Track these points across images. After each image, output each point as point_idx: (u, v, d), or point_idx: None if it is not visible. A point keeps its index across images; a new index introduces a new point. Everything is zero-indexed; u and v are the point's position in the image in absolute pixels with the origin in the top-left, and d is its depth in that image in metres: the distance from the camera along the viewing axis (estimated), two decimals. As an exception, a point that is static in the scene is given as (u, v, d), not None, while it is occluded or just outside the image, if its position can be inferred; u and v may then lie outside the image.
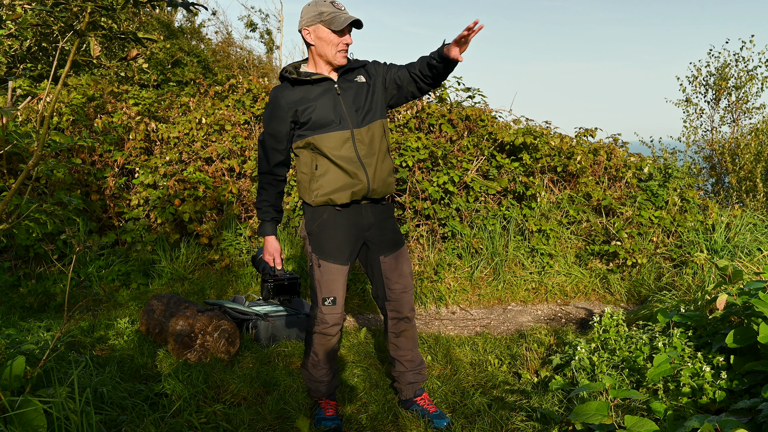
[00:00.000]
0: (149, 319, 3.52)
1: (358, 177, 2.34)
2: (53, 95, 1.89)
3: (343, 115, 2.34)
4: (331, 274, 2.42)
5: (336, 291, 2.43)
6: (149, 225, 5.23)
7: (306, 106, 2.33)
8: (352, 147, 2.33)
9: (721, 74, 7.81)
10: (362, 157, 2.35)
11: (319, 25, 2.29)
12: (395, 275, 2.52)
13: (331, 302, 2.43)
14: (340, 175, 2.34)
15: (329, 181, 2.34)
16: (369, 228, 2.47)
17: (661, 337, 2.93)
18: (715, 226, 5.23)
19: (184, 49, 8.54)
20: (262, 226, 2.50)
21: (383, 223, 2.51)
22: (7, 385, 2.05)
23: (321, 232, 2.42)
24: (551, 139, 5.58)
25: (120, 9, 1.85)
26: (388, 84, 2.44)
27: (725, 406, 2.39)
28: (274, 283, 2.63)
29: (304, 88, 2.36)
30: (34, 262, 4.84)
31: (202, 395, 2.75)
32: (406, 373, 2.66)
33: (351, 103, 2.36)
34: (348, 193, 2.35)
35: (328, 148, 2.32)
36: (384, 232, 2.50)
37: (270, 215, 2.48)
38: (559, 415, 2.57)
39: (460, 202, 5.32)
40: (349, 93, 2.37)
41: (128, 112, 5.71)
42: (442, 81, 2.38)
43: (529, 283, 4.95)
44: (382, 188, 2.42)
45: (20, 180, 1.92)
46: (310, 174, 2.38)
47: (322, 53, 2.34)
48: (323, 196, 2.36)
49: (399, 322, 2.58)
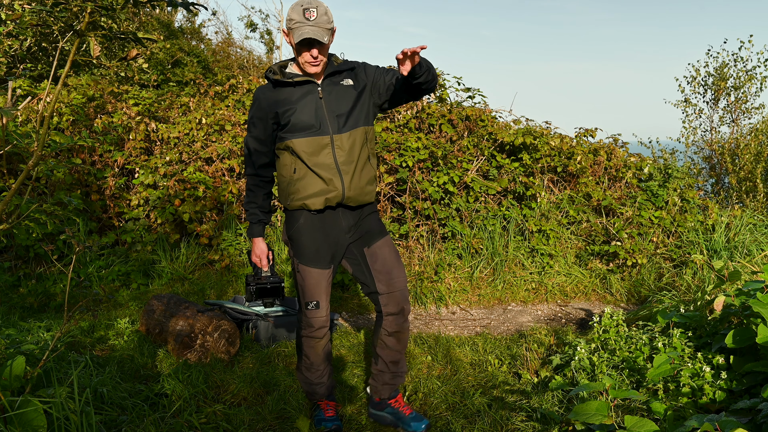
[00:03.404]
0: (149, 319, 3.52)
1: (333, 184, 2.28)
2: (53, 95, 1.89)
3: (324, 119, 2.27)
4: (312, 278, 2.39)
5: (318, 295, 2.40)
6: (149, 225, 5.23)
7: (286, 108, 2.27)
8: (330, 153, 2.27)
9: (720, 74, 7.82)
10: (340, 164, 2.28)
11: (291, 32, 2.21)
12: (384, 266, 2.43)
13: (314, 306, 2.40)
14: (316, 180, 2.29)
15: (305, 186, 2.30)
16: (349, 230, 2.42)
17: (661, 338, 2.93)
18: (715, 226, 5.23)
19: (184, 49, 8.54)
20: (249, 227, 2.50)
21: (363, 220, 2.44)
22: (7, 385, 2.05)
23: (299, 236, 2.39)
24: (551, 139, 5.58)
25: (120, 9, 1.85)
26: (382, 89, 2.35)
27: (725, 406, 2.39)
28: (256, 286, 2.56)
29: (286, 90, 2.30)
30: (34, 262, 4.84)
31: (202, 395, 2.75)
32: (385, 373, 2.57)
33: (333, 107, 2.29)
34: (321, 199, 2.30)
35: (306, 153, 2.26)
36: (365, 227, 2.44)
37: (257, 217, 2.48)
38: (559, 415, 2.57)
39: (460, 203, 5.32)
40: (332, 97, 2.29)
41: (128, 112, 5.71)
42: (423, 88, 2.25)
43: (529, 284, 4.95)
44: (358, 196, 2.35)
45: (20, 180, 1.92)
46: (289, 177, 2.33)
47: (298, 58, 2.26)
48: (298, 201, 2.32)
49: (395, 318, 2.46)
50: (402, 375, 2.60)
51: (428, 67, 2.18)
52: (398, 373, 2.58)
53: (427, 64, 2.16)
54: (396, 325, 2.47)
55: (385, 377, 2.57)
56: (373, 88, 2.36)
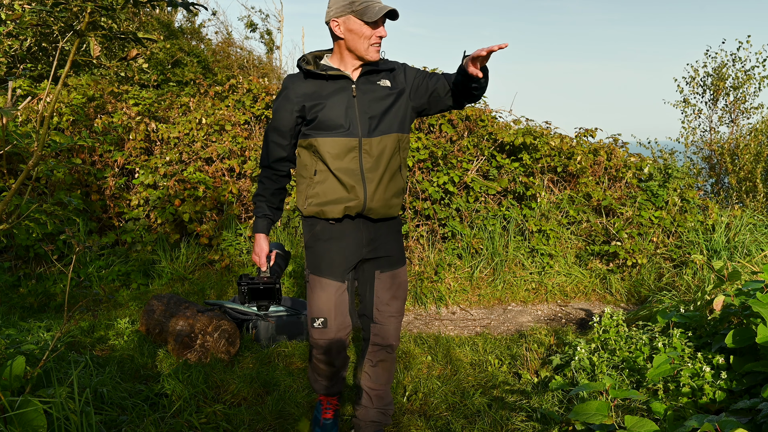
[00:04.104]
0: (149, 319, 3.52)
1: (355, 192, 2.09)
2: (53, 95, 1.89)
3: (354, 120, 2.08)
4: (322, 291, 2.17)
5: (327, 311, 2.15)
6: (149, 225, 5.23)
7: (315, 103, 2.08)
8: (356, 157, 2.08)
9: (719, 75, 7.81)
10: (366, 170, 2.09)
11: (350, 16, 2.02)
12: (387, 295, 2.26)
13: (321, 324, 2.16)
14: (337, 186, 2.10)
15: (324, 191, 2.11)
16: (369, 243, 2.21)
17: (660, 338, 2.93)
18: (715, 226, 5.23)
19: (184, 49, 8.53)
20: (255, 222, 2.27)
21: (386, 237, 2.25)
22: (7, 385, 2.05)
23: (314, 244, 2.20)
24: (551, 139, 5.58)
25: (120, 9, 1.85)
26: (423, 93, 2.16)
27: (725, 406, 2.39)
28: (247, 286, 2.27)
29: (318, 82, 2.11)
30: (34, 262, 4.84)
31: (202, 395, 2.75)
32: (371, 410, 2.37)
33: (366, 108, 2.10)
34: (340, 207, 2.11)
35: (330, 154, 2.07)
36: (385, 247, 2.25)
37: (263, 211, 2.25)
38: (559, 415, 2.57)
39: (460, 203, 5.32)
40: (366, 96, 2.11)
41: (128, 112, 5.71)
42: (474, 93, 2.08)
43: (529, 284, 4.95)
44: (381, 209, 2.15)
45: (20, 180, 1.92)
46: (309, 179, 2.15)
47: (353, 47, 2.07)
48: (315, 206, 2.14)
49: (380, 350, 2.29)
50: (388, 414, 2.40)
51: (487, 71, 2.02)
52: (384, 411, 2.39)
53: (487, 71, 2.02)
54: (381, 355, 2.31)
55: (369, 414, 2.38)
56: (413, 92, 2.18)
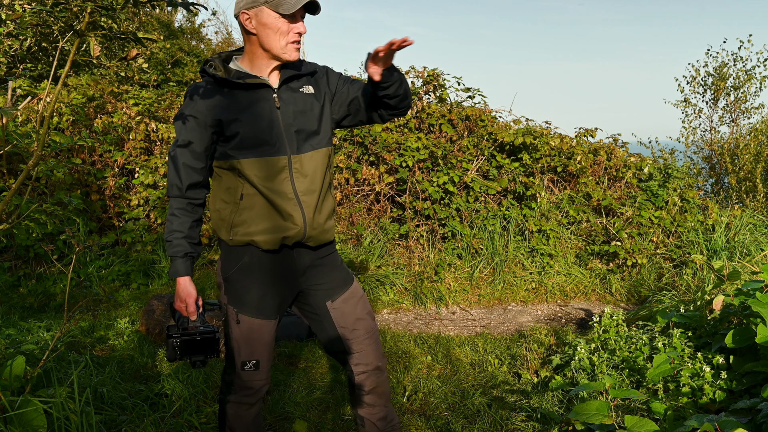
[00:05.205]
0: (149, 319, 3.52)
1: (293, 220, 1.79)
2: (53, 95, 1.89)
3: (281, 136, 1.78)
4: (253, 332, 1.89)
5: (260, 353, 1.90)
6: (149, 225, 5.23)
7: (233, 118, 1.77)
8: (288, 179, 1.78)
9: (720, 74, 7.81)
10: (300, 193, 1.79)
11: (263, 8, 1.73)
12: (351, 320, 1.94)
13: (253, 366, 1.91)
14: (270, 212, 1.80)
15: (255, 218, 1.81)
16: (304, 272, 1.92)
17: (660, 338, 2.93)
18: (715, 226, 5.23)
19: (184, 49, 8.53)
20: (172, 264, 1.87)
21: (322, 260, 1.94)
22: (7, 385, 2.06)
23: (241, 278, 1.88)
24: (551, 139, 5.58)
25: (120, 9, 1.85)
26: (343, 100, 1.89)
27: (725, 406, 2.40)
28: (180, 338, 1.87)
29: (232, 92, 1.80)
30: (34, 262, 4.84)
31: (202, 395, 2.75)
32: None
33: (291, 120, 1.80)
34: (277, 237, 1.81)
35: (258, 177, 1.77)
36: (325, 272, 1.95)
37: (183, 249, 1.87)
38: (559, 415, 2.57)
39: (460, 203, 5.32)
40: (290, 107, 1.80)
41: (128, 112, 5.71)
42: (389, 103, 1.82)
43: (529, 284, 4.95)
44: (319, 235, 1.87)
45: (20, 180, 1.92)
46: (233, 204, 1.83)
47: (268, 45, 1.76)
48: (244, 236, 1.82)
49: (369, 376, 1.97)
50: (396, 427, 2.12)
51: (401, 78, 1.76)
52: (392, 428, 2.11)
53: (400, 76, 1.76)
54: (373, 382, 1.99)
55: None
56: (335, 99, 1.90)
